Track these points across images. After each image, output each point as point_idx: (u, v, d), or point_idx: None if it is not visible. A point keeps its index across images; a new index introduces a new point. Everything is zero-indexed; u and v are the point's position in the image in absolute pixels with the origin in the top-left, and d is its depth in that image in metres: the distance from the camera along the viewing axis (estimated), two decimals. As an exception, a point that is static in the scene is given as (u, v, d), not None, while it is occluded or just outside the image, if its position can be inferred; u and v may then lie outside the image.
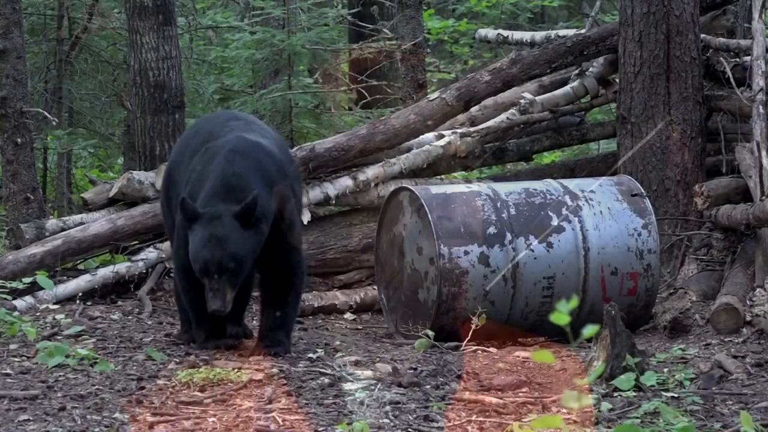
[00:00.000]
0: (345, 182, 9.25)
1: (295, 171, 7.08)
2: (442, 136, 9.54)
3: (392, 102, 14.88)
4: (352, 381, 6.13)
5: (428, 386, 6.12)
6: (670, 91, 9.31)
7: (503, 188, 8.09)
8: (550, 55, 9.74)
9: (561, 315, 3.33)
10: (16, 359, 6.59)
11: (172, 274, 7.97)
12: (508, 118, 9.66)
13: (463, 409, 5.73)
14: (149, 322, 7.95)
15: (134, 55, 9.79)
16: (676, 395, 6.08)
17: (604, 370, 6.15)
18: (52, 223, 9.10)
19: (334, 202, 9.30)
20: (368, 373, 6.28)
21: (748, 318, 7.73)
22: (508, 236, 7.80)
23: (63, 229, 8.98)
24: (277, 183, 6.63)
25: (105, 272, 8.84)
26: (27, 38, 11.49)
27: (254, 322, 7.68)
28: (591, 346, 6.39)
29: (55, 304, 8.54)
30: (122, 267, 8.87)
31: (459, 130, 9.59)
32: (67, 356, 6.39)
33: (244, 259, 6.41)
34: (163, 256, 8.75)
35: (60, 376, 6.16)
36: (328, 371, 6.29)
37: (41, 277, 7.75)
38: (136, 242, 9.06)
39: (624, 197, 8.11)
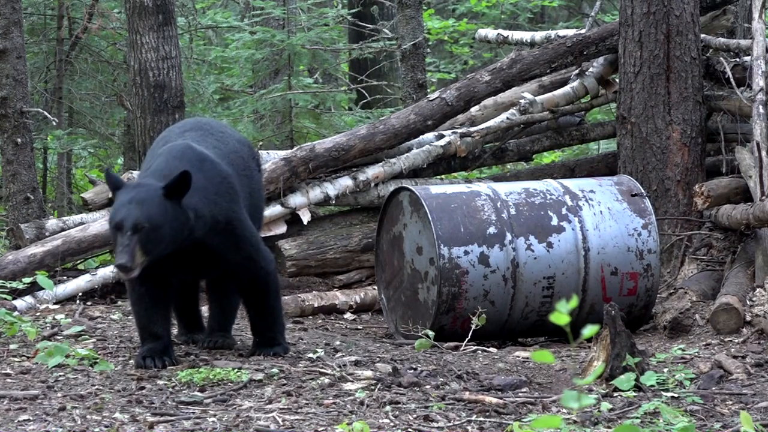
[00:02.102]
0: (345, 182, 9.25)
1: (254, 184, 6.97)
2: (442, 136, 9.55)
3: (392, 102, 14.90)
4: (352, 381, 6.13)
5: (428, 386, 6.12)
6: (670, 91, 9.31)
7: (503, 188, 8.10)
8: (550, 55, 9.74)
9: (561, 315, 3.32)
10: (16, 359, 6.59)
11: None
12: (508, 118, 9.67)
13: (463, 409, 5.73)
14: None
15: (134, 55, 9.80)
16: (676, 395, 6.08)
17: (604, 370, 6.15)
18: (52, 223, 9.10)
19: (334, 202, 9.30)
20: (368, 373, 6.29)
21: (748, 318, 7.73)
22: (508, 236, 7.80)
23: (63, 229, 8.99)
24: (218, 200, 6.50)
25: (105, 272, 8.84)
26: (27, 38, 11.50)
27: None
28: (591, 346, 6.39)
29: (55, 304, 8.54)
30: (122, 267, 8.86)
31: (459, 130, 9.60)
32: (67, 356, 6.39)
33: (161, 226, 6.20)
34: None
35: (60, 376, 6.16)
36: (328, 371, 6.29)
37: (41, 277, 7.75)
38: (136, 242, 9.04)
39: (624, 197, 8.12)
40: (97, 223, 8.93)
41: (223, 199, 6.53)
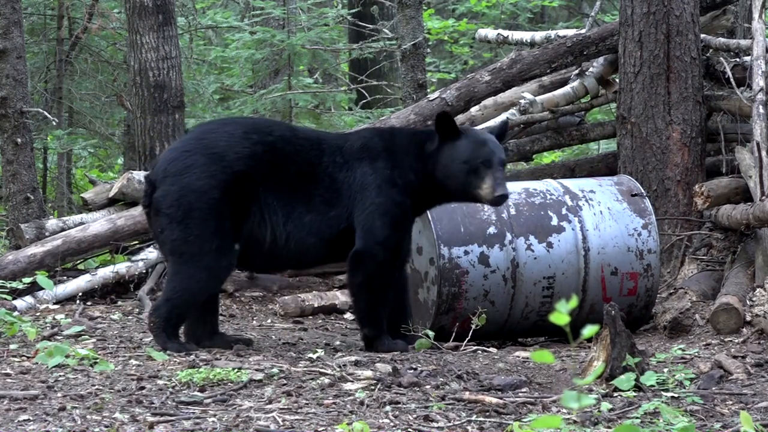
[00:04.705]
0: (345, 182, 9.24)
1: None
2: (442, 136, 9.54)
3: (392, 102, 14.89)
4: (352, 381, 6.13)
5: (428, 386, 6.12)
6: (670, 91, 9.31)
7: (503, 188, 8.08)
8: (550, 55, 9.74)
9: (561, 315, 3.33)
10: (16, 359, 6.58)
11: None
12: (508, 118, 9.66)
13: (463, 409, 5.73)
14: (149, 322, 7.93)
15: (134, 55, 9.80)
16: (676, 395, 6.08)
17: (604, 370, 6.14)
18: (52, 223, 9.10)
19: (334, 202, 9.28)
20: (368, 373, 6.28)
21: (748, 318, 7.73)
22: (508, 236, 7.80)
23: (63, 229, 8.99)
24: None
25: (105, 272, 8.84)
26: (27, 38, 11.50)
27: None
28: (591, 346, 6.39)
29: (55, 304, 8.54)
30: (122, 267, 8.88)
31: (459, 130, 9.59)
32: (67, 356, 6.39)
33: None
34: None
35: (60, 376, 6.16)
36: (328, 371, 6.29)
37: (41, 277, 7.75)
38: (136, 242, 9.07)
39: (624, 197, 8.11)
40: (97, 223, 8.93)
41: None
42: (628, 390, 6.05)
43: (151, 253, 8.90)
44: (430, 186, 7.06)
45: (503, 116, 9.69)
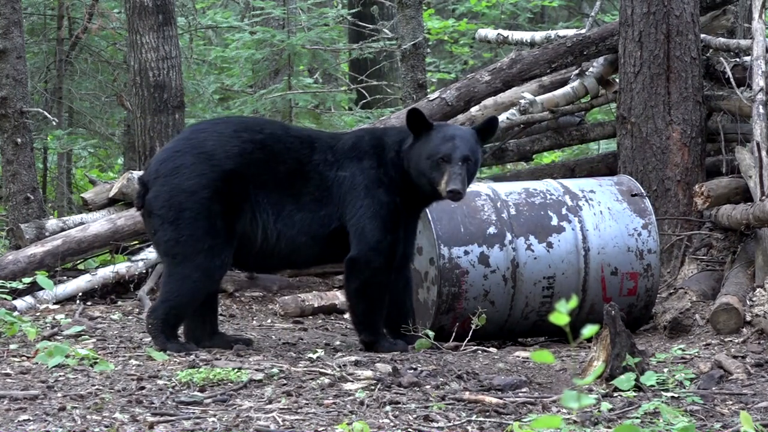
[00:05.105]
0: (345, 182, 9.23)
1: None
2: (442, 136, 9.53)
3: (392, 102, 14.89)
4: (352, 381, 6.13)
5: (428, 386, 6.12)
6: (670, 91, 9.31)
7: (503, 188, 8.10)
8: (550, 55, 9.74)
9: (561, 315, 3.33)
10: (16, 359, 6.59)
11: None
12: (508, 118, 9.66)
13: (463, 409, 5.73)
14: (149, 322, 7.92)
15: (134, 55, 9.80)
16: (676, 395, 6.08)
17: (604, 370, 6.14)
18: (52, 223, 9.10)
19: (334, 202, 9.27)
20: (368, 373, 6.28)
21: (748, 318, 7.73)
22: (508, 236, 7.80)
23: (63, 229, 8.99)
24: None
25: (105, 272, 8.84)
26: (27, 38, 11.50)
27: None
28: (591, 346, 6.39)
29: (55, 304, 8.54)
30: (122, 267, 8.88)
31: (459, 130, 9.58)
32: (67, 356, 6.39)
33: (478, 162, 7.00)
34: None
35: (60, 376, 6.16)
36: (328, 371, 6.29)
37: (41, 277, 7.75)
38: (136, 242, 9.08)
39: (624, 197, 8.11)
40: (97, 223, 8.93)
41: None
42: (628, 390, 6.05)
43: (151, 253, 8.90)
44: (410, 183, 7.03)
45: (503, 116, 9.69)
